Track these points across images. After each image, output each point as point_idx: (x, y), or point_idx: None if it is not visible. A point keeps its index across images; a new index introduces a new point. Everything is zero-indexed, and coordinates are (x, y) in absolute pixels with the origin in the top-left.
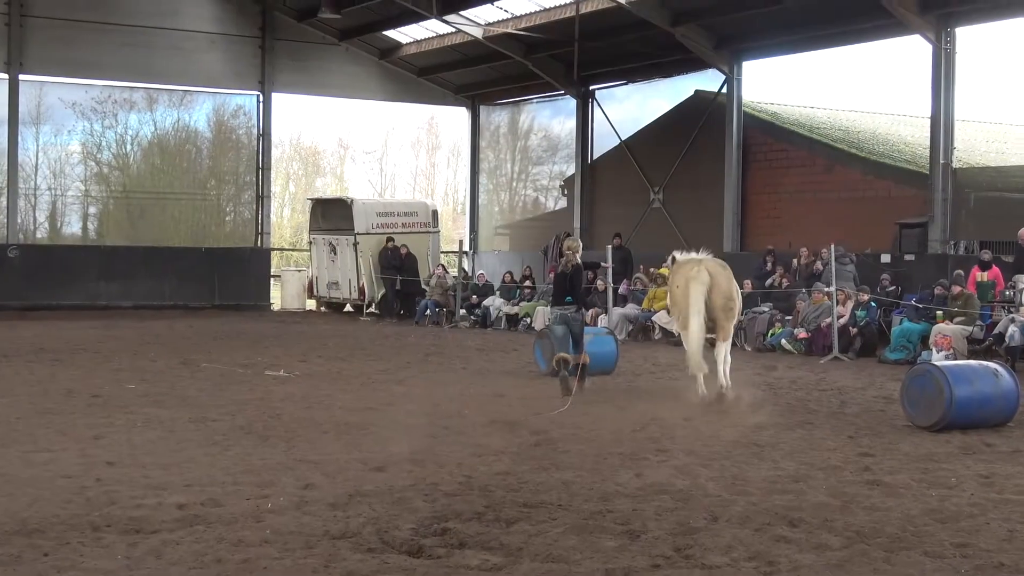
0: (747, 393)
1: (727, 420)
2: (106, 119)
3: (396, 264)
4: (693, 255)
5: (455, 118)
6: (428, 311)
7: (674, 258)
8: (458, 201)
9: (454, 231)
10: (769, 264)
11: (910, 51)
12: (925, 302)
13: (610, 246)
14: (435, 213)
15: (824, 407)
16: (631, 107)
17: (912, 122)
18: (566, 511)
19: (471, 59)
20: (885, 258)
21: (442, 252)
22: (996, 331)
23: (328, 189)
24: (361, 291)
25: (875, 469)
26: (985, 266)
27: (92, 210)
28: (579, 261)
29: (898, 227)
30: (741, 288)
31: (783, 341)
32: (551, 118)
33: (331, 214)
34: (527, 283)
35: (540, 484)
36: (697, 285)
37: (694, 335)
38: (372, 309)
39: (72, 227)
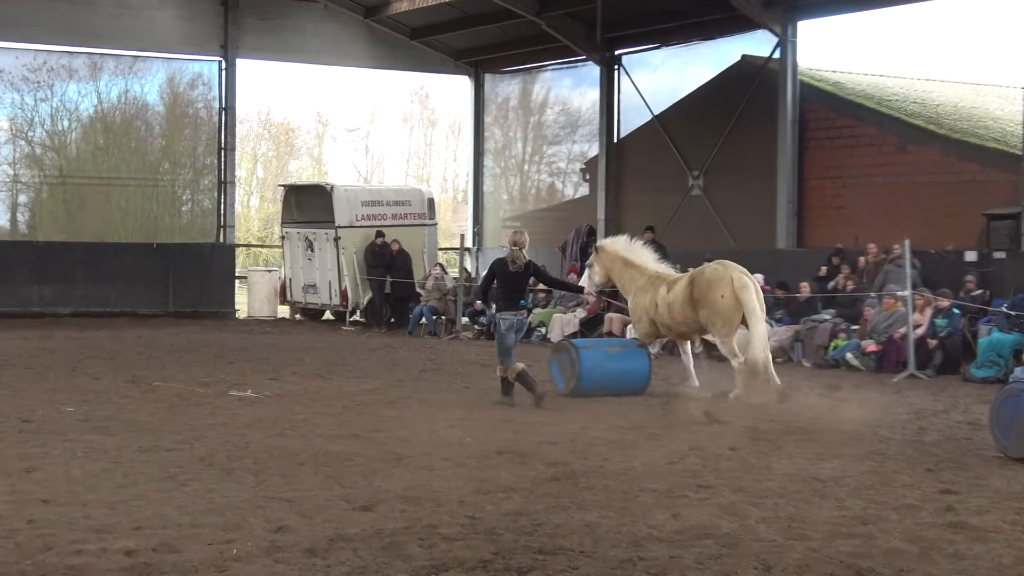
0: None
1: (782, 451)
2: (40, 90)
3: (385, 263)
4: (621, 240)
5: (455, 89)
6: (423, 319)
7: (598, 249)
8: (459, 188)
9: (454, 224)
10: (832, 264)
11: (1000, 9)
12: (1019, 309)
13: (640, 240)
14: (431, 202)
15: (898, 434)
16: (666, 75)
17: (1003, 93)
18: (590, 559)
19: (474, 18)
20: (970, 256)
21: (440, 249)
22: None
23: (304, 174)
24: (343, 295)
25: (959, 509)
26: None
27: (22, 199)
28: (528, 258)
29: (985, 219)
30: (798, 292)
31: (848, 355)
32: (570, 89)
33: (307, 203)
34: (540, 286)
35: (558, 527)
36: (749, 292)
37: (762, 340)
38: (357, 317)
39: None
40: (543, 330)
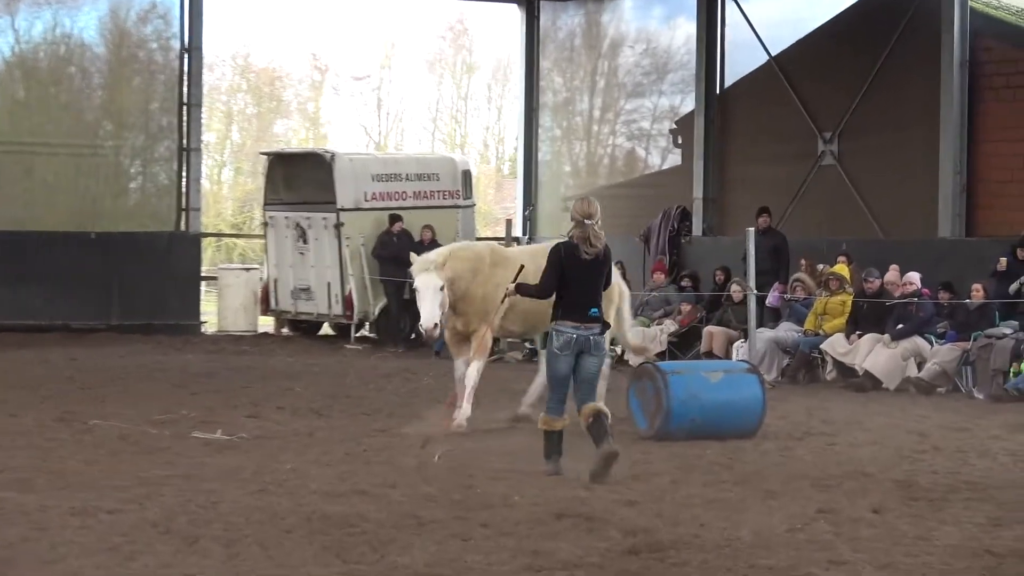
0: None
1: (945, 514)
2: None
3: (405, 258)
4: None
5: (500, 21)
6: None
7: None
8: (504, 156)
9: (498, 205)
10: (1018, 260)
11: None
12: None
13: (752, 229)
14: (467, 175)
15: None
16: (787, 3)
17: None
18: None
19: None
20: None
21: (479, 239)
22: None
23: (295, 138)
24: (348, 302)
25: None
26: None
27: None
28: (605, 242)
29: None
30: (969, 296)
31: None
32: (658, 20)
33: (300, 178)
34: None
35: None
36: None
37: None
38: (366, 331)
39: None
40: (618, 349)
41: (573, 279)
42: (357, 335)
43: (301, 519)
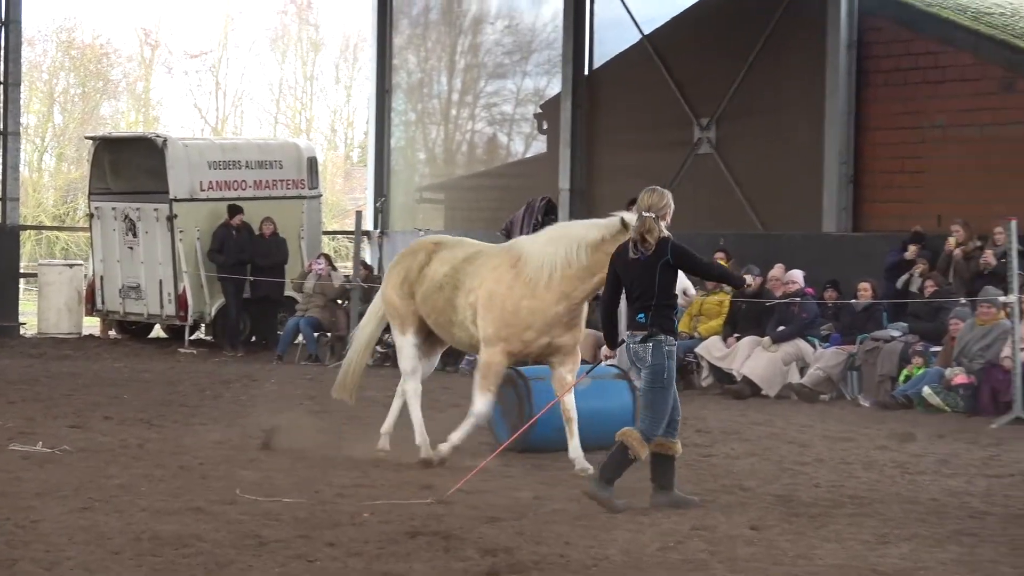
0: None
1: (827, 531)
2: None
3: (245, 253)
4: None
5: None
6: (301, 337)
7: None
8: (354, 142)
9: (346, 195)
10: (906, 257)
11: None
12: None
13: None
14: (313, 162)
15: (998, 507)
16: None
17: None
18: None
19: None
20: None
21: (325, 233)
22: None
23: (123, 121)
24: (182, 302)
25: None
26: None
27: None
28: (667, 234)
29: None
30: (856, 296)
31: (927, 390)
32: None
33: (128, 165)
34: None
35: None
36: None
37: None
38: (201, 333)
39: None
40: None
41: (625, 282)
42: (192, 338)
43: (130, 539)
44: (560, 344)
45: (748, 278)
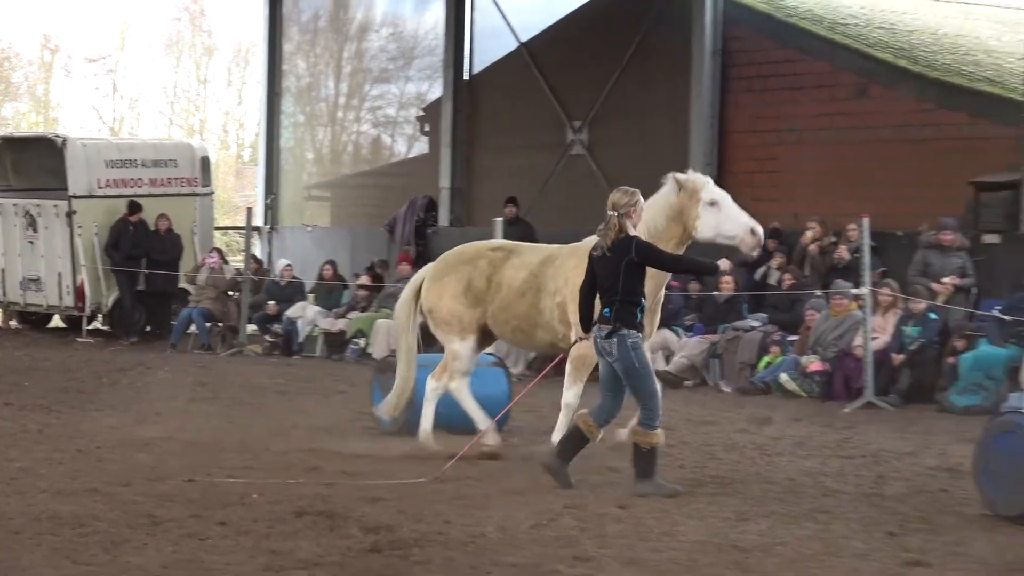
0: None
1: (690, 509)
2: None
3: (140, 248)
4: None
5: (241, 1)
6: (193, 327)
7: None
8: (245, 143)
9: (237, 193)
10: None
11: None
12: (1015, 313)
13: (499, 219)
14: (206, 162)
15: (850, 485)
16: None
17: (1001, 16)
18: None
19: None
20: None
21: (218, 228)
22: None
23: (24, 122)
24: (80, 294)
25: None
26: None
27: None
28: (632, 231)
29: (973, 188)
30: (718, 288)
31: (783, 376)
32: (405, 4)
33: (28, 163)
34: (362, 280)
35: None
36: None
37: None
38: (99, 324)
39: None
40: (361, 342)
41: (597, 277)
42: (89, 328)
43: (30, 519)
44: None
45: (724, 263)
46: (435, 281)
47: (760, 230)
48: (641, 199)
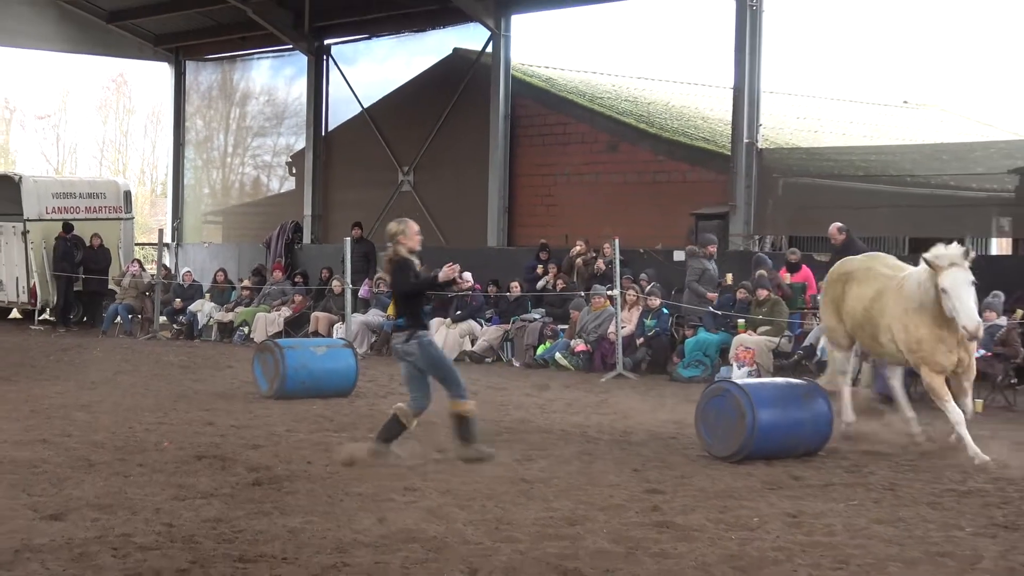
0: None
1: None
2: None
3: (73, 258)
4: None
5: (154, 75)
6: (119, 318)
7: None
8: (158, 180)
9: (152, 218)
10: (542, 262)
11: (711, 9)
12: (724, 308)
13: (348, 238)
14: (128, 195)
15: (605, 434)
16: (376, 67)
17: (712, 93)
18: (292, 566)
19: (175, 1)
20: (679, 256)
21: (137, 244)
22: (806, 343)
23: None
24: (32, 292)
25: (665, 508)
26: (794, 268)
27: None
28: (403, 254)
29: (694, 218)
30: (508, 291)
31: (557, 355)
32: (277, 79)
33: None
34: (245, 283)
35: (260, 533)
36: None
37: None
38: (47, 315)
39: None
40: (245, 330)
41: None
42: (40, 318)
43: None
44: (960, 357)
45: (448, 273)
46: (823, 296)
47: (972, 328)
48: (409, 228)
